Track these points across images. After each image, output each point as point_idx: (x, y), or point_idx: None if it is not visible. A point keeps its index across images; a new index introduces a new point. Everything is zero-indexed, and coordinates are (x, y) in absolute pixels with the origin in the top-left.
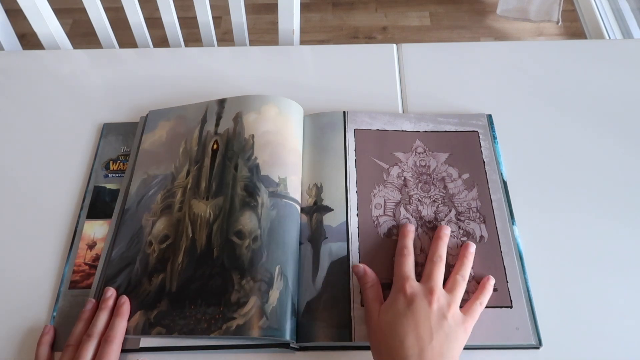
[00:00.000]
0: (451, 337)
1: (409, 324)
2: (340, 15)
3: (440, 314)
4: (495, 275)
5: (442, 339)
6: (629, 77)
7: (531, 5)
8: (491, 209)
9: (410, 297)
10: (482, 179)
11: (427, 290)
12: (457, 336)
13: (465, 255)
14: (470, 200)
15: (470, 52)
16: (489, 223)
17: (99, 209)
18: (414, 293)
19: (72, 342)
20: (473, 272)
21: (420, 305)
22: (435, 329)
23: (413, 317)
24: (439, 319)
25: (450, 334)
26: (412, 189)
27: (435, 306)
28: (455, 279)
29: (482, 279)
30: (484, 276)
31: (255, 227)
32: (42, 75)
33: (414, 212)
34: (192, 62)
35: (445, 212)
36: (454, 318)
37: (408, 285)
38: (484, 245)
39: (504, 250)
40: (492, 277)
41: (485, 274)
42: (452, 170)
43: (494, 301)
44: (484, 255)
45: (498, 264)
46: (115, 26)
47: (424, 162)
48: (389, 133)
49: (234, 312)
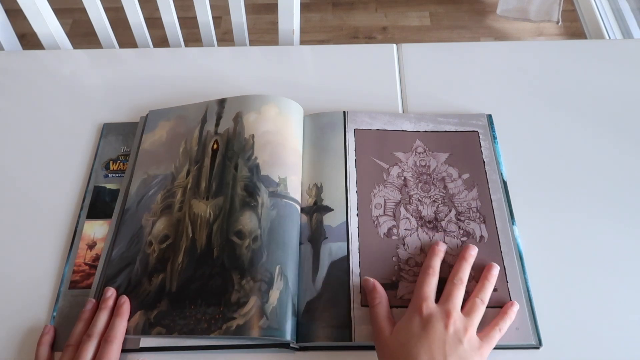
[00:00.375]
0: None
1: (422, 346)
2: (340, 15)
3: (456, 338)
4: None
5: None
6: (629, 77)
7: (531, 5)
8: (491, 209)
9: (427, 318)
10: (482, 179)
11: (445, 312)
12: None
13: (487, 277)
14: (470, 200)
15: (470, 52)
16: (489, 223)
17: (99, 209)
18: (430, 314)
19: (72, 342)
20: (473, 272)
21: (436, 328)
22: (450, 353)
23: (427, 339)
24: (454, 342)
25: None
26: (412, 189)
27: (451, 329)
28: (474, 302)
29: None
30: (485, 276)
31: (256, 227)
32: (42, 75)
33: (414, 212)
34: (192, 62)
35: (445, 212)
36: (470, 343)
37: (425, 305)
38: (484, 245)
39: (504, 250)
40: (516, 304)
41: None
42: (452, 170)
43: (494, 301)
44: (484, 256)
45: (498, 264)
46: (115, 26)
47: (424, 162)
48: (389, 133)
49: (234, 312)
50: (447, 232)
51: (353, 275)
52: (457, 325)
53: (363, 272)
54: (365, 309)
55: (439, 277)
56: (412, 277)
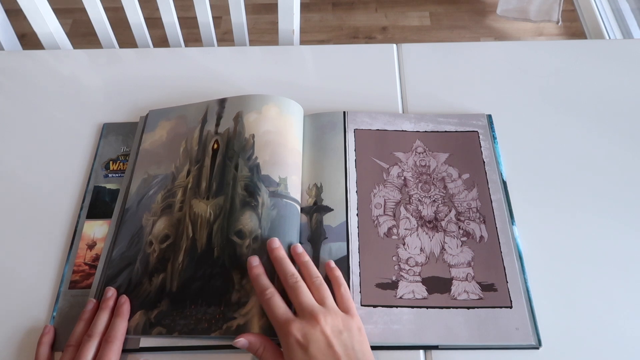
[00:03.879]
0: (355, 343)
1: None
2: (340, 15)
3: (336, 332)
4: (495, 275)
5: (352, 353)
6: (629, 77)
7: (531, 5)
8: (491, 209)
9: (304, 338)
10: (482, 179)
11: (311, 317)
12: (359, 339)
13: (303, 262)
14: (470, 200)
15: (470, 52)
16: (489, 223)
17: (99, 209)
18: (303, 332)
19: (73, 343)
20: (473, 272)
21: (316, 340)
22: (341, 351)
23: (319, 356)
24: (336, 338)
25: (352, 341)
26: (412, 189)
27: (328, 329)
28: (317, 286)
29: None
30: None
31: (256, 227)
32: (42, 75)
33: (414, 211)
34: (192, 62)
35: (445, 212)
36: (344, 324)
37: (293, 326)
38: (484, 245)
39: (503, 251)
40: (331, 262)
41: (487, 274)
42: (452, 170)
43: (494, 301)
44: (484, 256)
45: (498, 264)
46: (115, 26)
47: (424, 162)
48: (389, 133)
49: (234, 311)
50: (447, 232)
51: (353, 275)
52: (330, 321)
53: (363, 271)
54: (365, 309)
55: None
56: (412, 276)
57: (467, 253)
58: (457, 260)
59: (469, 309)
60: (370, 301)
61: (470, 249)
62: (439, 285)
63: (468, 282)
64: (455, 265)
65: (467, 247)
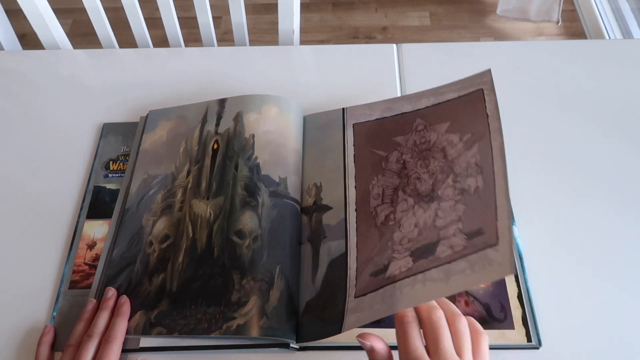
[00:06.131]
0: None
1: None
2: (340, 15)
3: None
4: (484, 219)
5: None
6: (629, 77)
7: (531, 5)
8: (490, 158)
9: None
10: (483, 132)
11: None
12: None
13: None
14: (470, 157)
15: (470, 52)
16: (486, 171)
17: (99, 209)
18: None
19: (73, 342)
20: (462, 225)
21: None
22: None
23: None
24: None
25: None
26: (411, 170)
27: None
28: (459, 333)
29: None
30: (474, 225)
31: (256, 227)
32: (42, 75)
33: (412, 191)
34: (192, 62)
35: (442, 181)
36: None
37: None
38: (479, 193)
39: (497, 191)
40: (472, 319)
41: (476, 221)
42: (453, 137)
43: (478, 244)
44: (476, 203)
45: (490, 204)
46: (115, 26)
47: (424, 139)
48: (388, 120)
49: (234, 311)
50: (442, 199)
51: (350, 271)
52: None
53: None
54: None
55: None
56: (402, 254)
57: (460, 209)
58: (447, 221)
59: (450, 262)
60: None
61: (463, 204)
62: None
63: (455, 237)
64: (444, 226)
65: (460, 204)
